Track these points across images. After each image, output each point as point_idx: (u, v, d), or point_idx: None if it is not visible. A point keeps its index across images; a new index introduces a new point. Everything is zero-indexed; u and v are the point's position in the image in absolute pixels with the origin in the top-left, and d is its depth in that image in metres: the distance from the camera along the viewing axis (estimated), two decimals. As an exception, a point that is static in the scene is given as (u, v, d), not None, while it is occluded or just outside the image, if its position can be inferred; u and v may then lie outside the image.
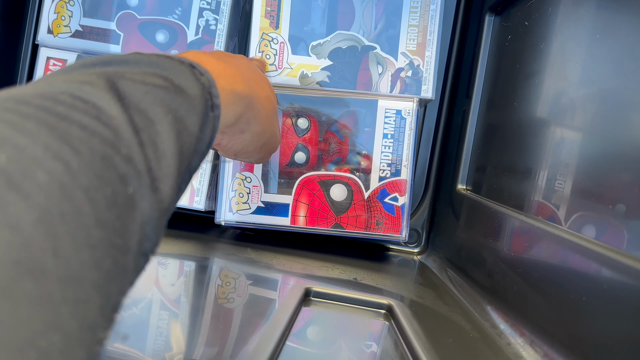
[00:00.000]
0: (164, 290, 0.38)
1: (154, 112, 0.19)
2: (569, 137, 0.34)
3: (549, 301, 0.29)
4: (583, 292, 0.26)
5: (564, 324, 0.27)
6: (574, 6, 0.34)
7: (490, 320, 0.34)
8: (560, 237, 0.29)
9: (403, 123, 0.45)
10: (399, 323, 0.33)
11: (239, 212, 0.45)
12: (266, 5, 0.45)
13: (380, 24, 0.46)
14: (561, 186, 0.34)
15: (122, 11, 0.45)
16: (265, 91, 0.33)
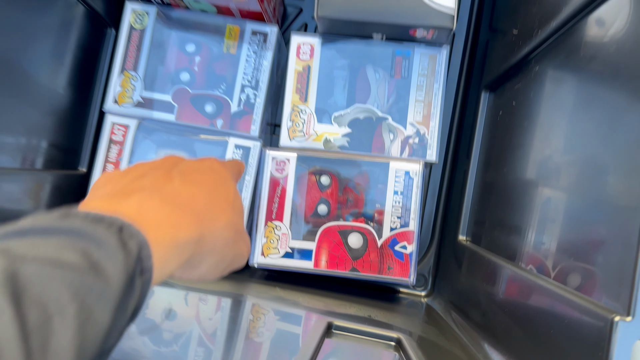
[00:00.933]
0: (202, 325, 0.45)
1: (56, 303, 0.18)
2: (553, 197, 0.41)
3: (528, 336, 0.35)
4: (551, 328, 0.33)
5: (536, 354, 0.33)
6: (552, 89, 0.42)
7: (483, 353, 0.40)
8: (536, 282, 0.36)
9: (411, 182, 0.53)
10: (407, 354, 0.40)
11: (269, 256, 0.53)
12: (297, 82, 0.54)
13: (392, 98, 0.54)
14: (548, 239, 0.40)
15: (177, 86, 0.54)
16: (225, 216, 0.31)
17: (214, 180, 0.32)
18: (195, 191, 0.29)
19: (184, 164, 0.32)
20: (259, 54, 0.54)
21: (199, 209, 0.28)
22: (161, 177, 0.29)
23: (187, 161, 0.33)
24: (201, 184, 0.30)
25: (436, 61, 0.54)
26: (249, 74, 0.54)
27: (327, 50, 0.55)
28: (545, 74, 0.43)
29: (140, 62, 0.54)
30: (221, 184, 0.32)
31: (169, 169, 0.30)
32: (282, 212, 0.53)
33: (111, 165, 0.53)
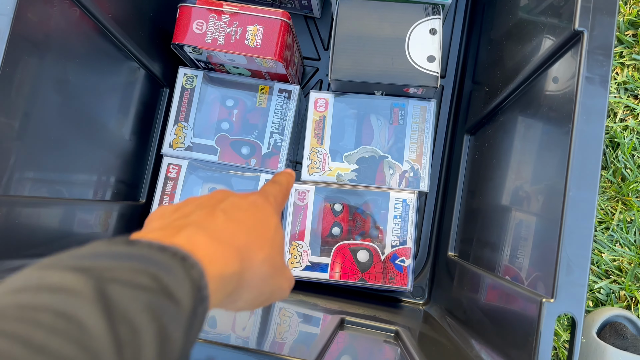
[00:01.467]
0: (237, 333, 0.57)
1: (140, 320, 0.19)
2: (524, 219, 0.53)
3: (492, 321, 0.47)
4: (506, 315, 0.44)
5: (498, 333, 0.45)
6: (512, 135, 0.54)
7: (463, 339, 0.52)
8: (499, 284, 0.48)
9: (407, 208, 0.65)
10: (403, 342, 0.52)
11: (293, 269, 0.65)
12: (314, 129, 0.67)
13: (391, 141, 0.67)
14: (522, 254, 0.52)
15: (219, 133, 0.68)
16: (264, 252, 0.31)
17: (255, 217, 0.33)
18: (236, 228, 0.30)
19: (228, 200, 0.33)
20: (284, 107, 0.68)
21: (240, 245, 0.29)
22: (207, 215, 0.30)
23: (232, 197, 0.34)
24: (242, 222, 0.31)
25: (426, 111, 0.67)
26: (277, 122, 0.68)
27: (338, 103, 0.68)
28: (507, 123, 0.56)
29: (191, 115, 0.68)
30: (262, 219, 0.33)
31: (214, 207, 0.31)
32: (303, 233, 0.66)
33: (167, 197, 0.67)
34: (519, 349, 0.40)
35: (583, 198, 0.39)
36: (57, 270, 0.20)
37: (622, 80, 0.78)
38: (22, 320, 0.17)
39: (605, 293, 0.74)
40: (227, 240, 0.29)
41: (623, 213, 0.75)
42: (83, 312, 0.18)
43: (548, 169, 0.45)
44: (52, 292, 0.18)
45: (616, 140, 0.76)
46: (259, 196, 0.36)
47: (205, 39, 0.60)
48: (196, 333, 0.23)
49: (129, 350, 0.18)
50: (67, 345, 0.17)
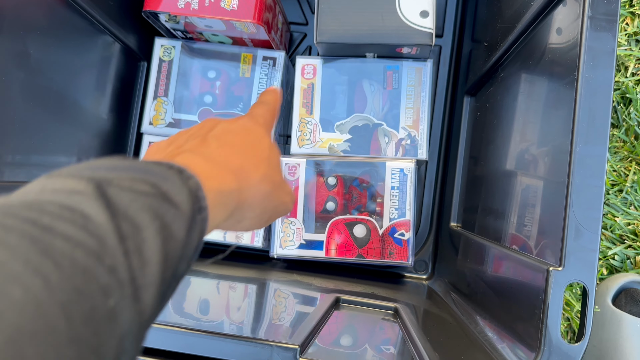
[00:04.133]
0: (232, 317, 0.53)
1: (141, 218, 0.20)
2: (531, 184, 0.49)
3: (498, 296, 0.43)
4: (510, 286, 0.40)
5: (503, 307, 0.41)
6: (517, 91, 0.50)
7: (466, 314, 0.48)
8: (501, 250, 0.44)
9: (405, 178, 0.61)
10: (402, 319, 0.48)
11: (287, 248, 0.61)
12: (303, 98, 0.63)
13: (386, 107, 0.63)
14: (529, 221, 0.48)
15: (201, 107, 0.64)
16: (260, 171, 0.32)
17: (248, 139, 0.33)
18: (230, 152, 0.31)
19: (219, 127, 0.34)
20: (269, 76, 0.63)
21: (235, 167, 0.30)
22: (200, 143, 0.31)
23: (222, 124, 0.34)
24: (235, 145, 0.32)
25: (422, 73, 0.62)
26: (262, 93, 0.63)
27: (327, 69, 0.64)
28: (508, 79, 0.51)
29: (170, 89, 0.64)
30: (254, 141, 0.34)
31: (206, 135, 0.32)
32: (296, 209, 0.62)
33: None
34: (526, 322, 0.37)
35: (591, 153, 0.35)
36: (58, 178, 0.20)
37: (633, 31, 0.72)
38: (30, 209, 0.17)
39: (619, 259, 0.69)
40: (221, 162, 0.30)
41: (637, 174, 0.70)
42: (85, 205, 0.19)
43: (554, 127, 0.40)
44: (55, 192, 0.19)
45: (628, 96, 0.71)
46: (248, 119, 0.36)
47: (177, 3, 0.56)
48: (196, 245, 0.24)
49: (131, 243, 0.19)
50: (74, 229, 0.17)
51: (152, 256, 0.20)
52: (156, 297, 0.20)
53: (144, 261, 0.19)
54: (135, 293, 0.18)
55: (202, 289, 0.53)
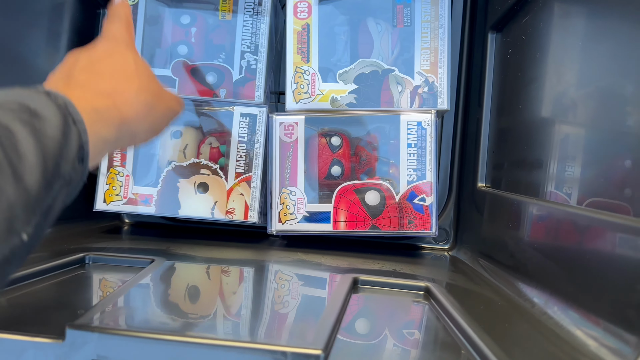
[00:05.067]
0: (227, 302, 0.44)
1: (13, 125, 0.23)
2: (572, 132, 0.39)
3: (562, 267, 0.34)
4: (588, 255, 0.31)
5: (574, 285, 0.32)
6: (562, 18, 0.40)
7: (516, 291, 0.39)
8: (564, 211, 0.35)
9: (424, 133, 0.52)
10: (437, 300, 0.39)
11: (287, 223, 0.52)
12: (297, 43, 0.53)
13: (397, 49, 0.53)
14: (570, 175, 0.39)
15: (175, 59, 0.53)
16: (133, 85, 0.34)
17: (112, 62, 0.35)
18: (98, 79, 0.33)
19: (81, 60, 0.34)
20: (255, 18, 0.53)
21: (107, 89, 0.32)
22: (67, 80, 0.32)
23: (83, 55, 0.34)
24: (102, 72, 0.33)
25: (438, 5, 0.52)
26: (248, 39, 0.53)
27: (325, 7, 0.53)
28: (553, 2, 0.41)
29: (137, 39, 0.53)
30: (119, 61, 0.35)
31: (71, 72, 0.33)
32: (295, 177, 0.52)
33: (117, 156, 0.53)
34: (618, 303, 0.28)
35: None
36: None
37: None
38: None
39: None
40: (92, 87, 0.32)
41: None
42: None
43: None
44: None
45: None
46: (106, 41, 0.37)
47: None
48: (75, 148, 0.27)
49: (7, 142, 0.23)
50: None
51: (28, 151, 0.23)
52: (40, 182, 0.24)
53: (20, 155, 0.23)
54: (15, 174, 0.23)
55: (190, 276, 0.44)
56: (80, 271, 0.42)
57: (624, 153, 0.32)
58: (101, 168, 0.53)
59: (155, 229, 0.60)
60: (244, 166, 0.52)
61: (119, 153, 0.53)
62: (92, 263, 0.43)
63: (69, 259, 0.42)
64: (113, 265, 0.43)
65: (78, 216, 0.54)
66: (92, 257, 0.44)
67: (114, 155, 0.52)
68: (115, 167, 0.52)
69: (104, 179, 0.52)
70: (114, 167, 0.52)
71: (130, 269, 0.42)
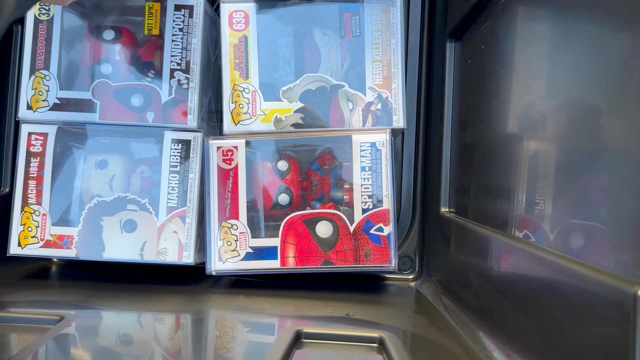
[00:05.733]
0: (163, 345, 0.38)
1: None
2: (539, 150, 0.34)
3: (529, 318, 0.29)
4: (557, 308, 0.26)
5: (542, 340, 0.27)
6: (523, 24, 0.35)
7: (480, 343, 0.34)
8: (533, 254, 0.29)
9: (379, 154, 0.46)
10: (390, 356, 0.33)
11: (228, 261, 0.46)
12: (234, 58, 0.47)
13: (346, 62, 0.47)
14: (542, 199, 0.34)
15: (97, 80, 0.47)
16: None
17: None
18: None
19: None
20: (186, 31, 0.47)
21: None
22: None
23: None
24: None
25: (389, 13, 0.47)
26: (178, 55, 0.47)
27: (264, 17, 0.47)
28: (513, 6, 0.36)
29: (52, 59, 0.47)
30: None
31: None
32: (236, 208, 0.46)
33: (33, 182, 0.46)
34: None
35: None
36: None
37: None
38: None
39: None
40: None
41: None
42: None
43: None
44: None
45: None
46: None
47: None
48: None
49: None
50: None
51: None
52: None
53: None
54: None
55: (100, 337, 0.37)
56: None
57: (598, 170, 0.27)
58: (15, 206, 0.46)
59: (87, 269, 0.54)
60: (177, 199, 0.46)
61: (35, 189, 0.46)
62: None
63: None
64: (11, 325, 0.37)
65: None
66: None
67: (28, 192, 0.46)
68: (30, 205, 0.46)
69: (18, 219, 0.46)
70: (29, 205, 0.46)
71: (33, 329, 0.36)
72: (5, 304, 0.40)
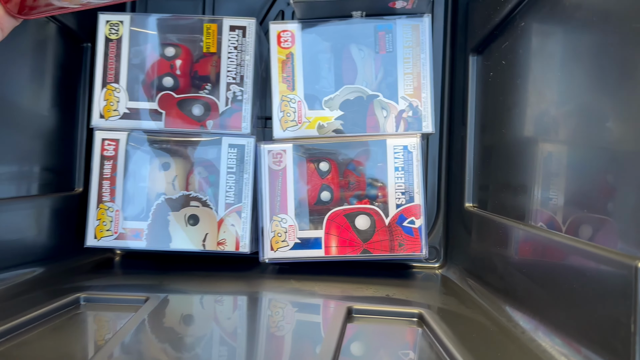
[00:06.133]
0: (222, 325, 0.44)
1: None
2: (555, 151, 0.40)
3: (550, 293, 0.35)
4: (573, 282, 0.32)
5: (560, 311, 0.33)
6: (540, 43, 0.41)
7: (506, 316, 0.40)
8: (550, 239, 0.36)
9: (410, 156, 0.52)
10: (430, 327, 0.40)
11: (279, 250, 0.52)
12: (282, 72, 0.53)
13: (380, 75, 0.54)
14: (555, 194, 0.40)
15: (161, 92, 0.53)
16: None
17: None
18: None
19: None
20: (240, 49, 0.53)
21: None
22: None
23: None
24: None
25: (419, 31, 0.53)
26: (233, 70, 0.53)
27: (308, 35, 0.54)
28: (531, 28, 0.42)
29: (121, 73, 0.53)
30: None
31: None
32: (285, 204, 0.53)
33: (107, 182, 0.53)
34: (604, 331, 0.29)
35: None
36: None
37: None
38: None
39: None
40: None
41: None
42: None
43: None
44: None
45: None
46: None
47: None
48: None
49: None
50: None
51: None
52: None
53: None
54: None
55: (185, 311, 0.44)
56: (76, 312, 0.42)
57: (603, 168, 0.33)
58: (90, 203, 0.53)
59: (147, 259, 0.60)
60: (234, 197, 0.52)
61: (109, 188, 0.53)
62: (87, 303, 0.43)
63: (63, 301, 0.42)
64: (108, 305, 0.43)
65: (70, 253, 0.54)
66: (86, 297, 0.44)
67: (102, 191, 0.53)
68: (104, 203, 0.52)
69: (94, 215, 0.52)
70: (103, 203, 0.52)
71: (126, 307, 0.43)
72: (95, 287, 0.46)
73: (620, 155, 0.31)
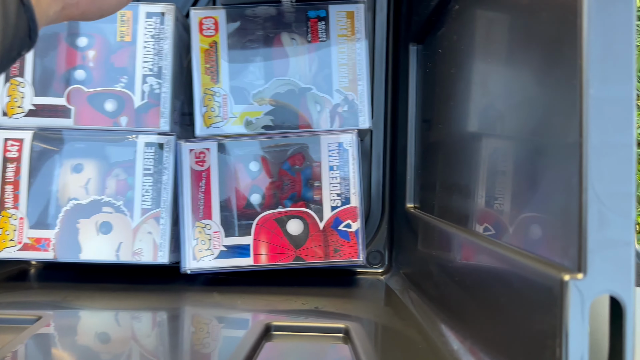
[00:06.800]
0: (141, 342, 0.39)
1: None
2: (495, 148, 0.37)
3: (479, 306, 0.31)
4: (500, 295, 0.28)
5: (489, 327, 0.29)
6: (477, 28, 0.37)
7: (438, 330, 0.36)
8: (478, 244, 0.32)
9: (346, 154, 0.48)
10: (354, 344, 0.35)
11: (202, 259, 0.47)
12: (205, 62, 0.48)
13: (314, 66, 0.49)
14: (501, 194, 0.36)
15: (71, 86, 0.48)
16: None
17: None
18: None
19: None
20: (157, 37, 0.48)
21: None
22: None
23: None
24: None
25: (354, 17, 0.49)
26: (150, 61, 0.48)
27: (233, 23, 0.49)
28: (465, 12, 0.38)
29: (26, 66, 0.48)
30: None
31: None
32: (209, 208, 0.48)
33: (10, 187, 0.47)
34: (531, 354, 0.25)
35: (614, 96, 0.23)
36: None
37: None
38: None
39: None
40: None
41: None
42: None
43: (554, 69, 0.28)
44: None
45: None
46: None
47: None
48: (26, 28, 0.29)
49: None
50: None
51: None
52: None
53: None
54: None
55: (78, 336, 0.39)
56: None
57: (551, 163, 0.29)
58: (-8, 210, 0.47)
59: (65, 270, 0.55)
60: (151, 201, 0.47)
61: (12, 193, 0.47)
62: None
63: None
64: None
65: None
66: (-29, 317, 0.39)
67: (4, 197, 0.47)
68: (7, 210, 0.47)
69: (-5, 223, 0.47)
70: (5, 210, 0.47)
71: (11, 329, 0.37)
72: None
73: (555, 150, 0.27)
